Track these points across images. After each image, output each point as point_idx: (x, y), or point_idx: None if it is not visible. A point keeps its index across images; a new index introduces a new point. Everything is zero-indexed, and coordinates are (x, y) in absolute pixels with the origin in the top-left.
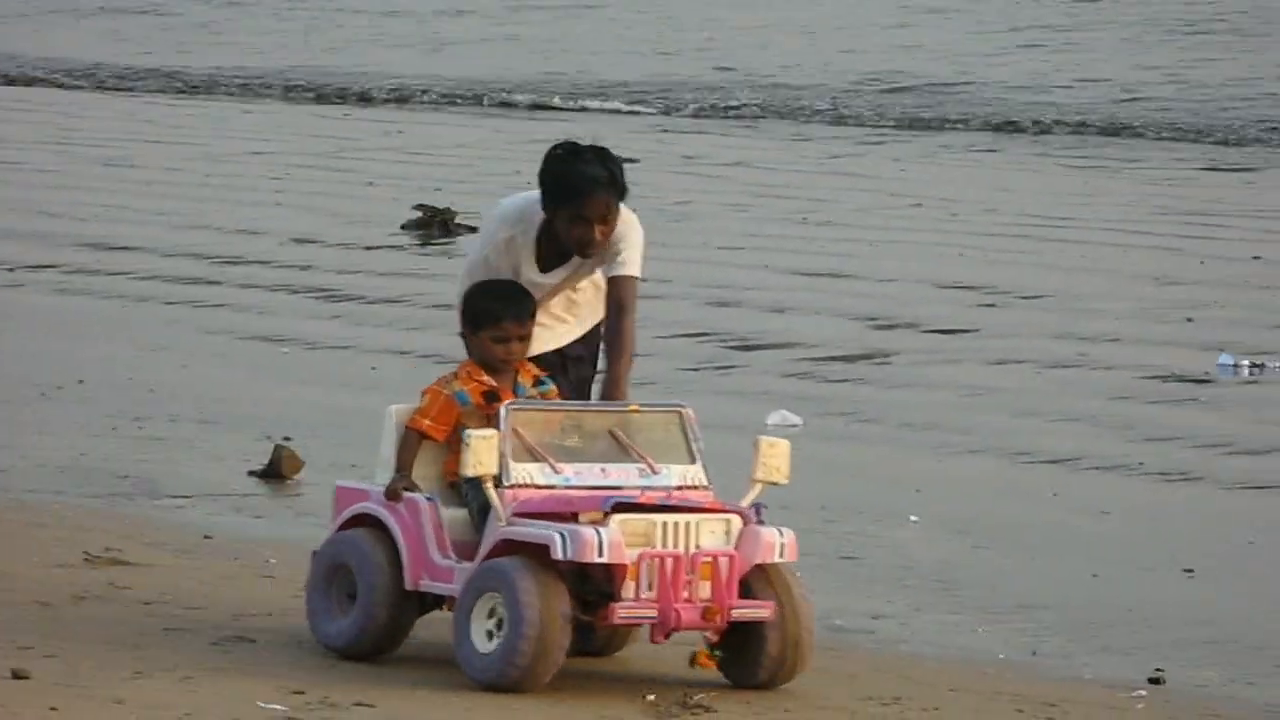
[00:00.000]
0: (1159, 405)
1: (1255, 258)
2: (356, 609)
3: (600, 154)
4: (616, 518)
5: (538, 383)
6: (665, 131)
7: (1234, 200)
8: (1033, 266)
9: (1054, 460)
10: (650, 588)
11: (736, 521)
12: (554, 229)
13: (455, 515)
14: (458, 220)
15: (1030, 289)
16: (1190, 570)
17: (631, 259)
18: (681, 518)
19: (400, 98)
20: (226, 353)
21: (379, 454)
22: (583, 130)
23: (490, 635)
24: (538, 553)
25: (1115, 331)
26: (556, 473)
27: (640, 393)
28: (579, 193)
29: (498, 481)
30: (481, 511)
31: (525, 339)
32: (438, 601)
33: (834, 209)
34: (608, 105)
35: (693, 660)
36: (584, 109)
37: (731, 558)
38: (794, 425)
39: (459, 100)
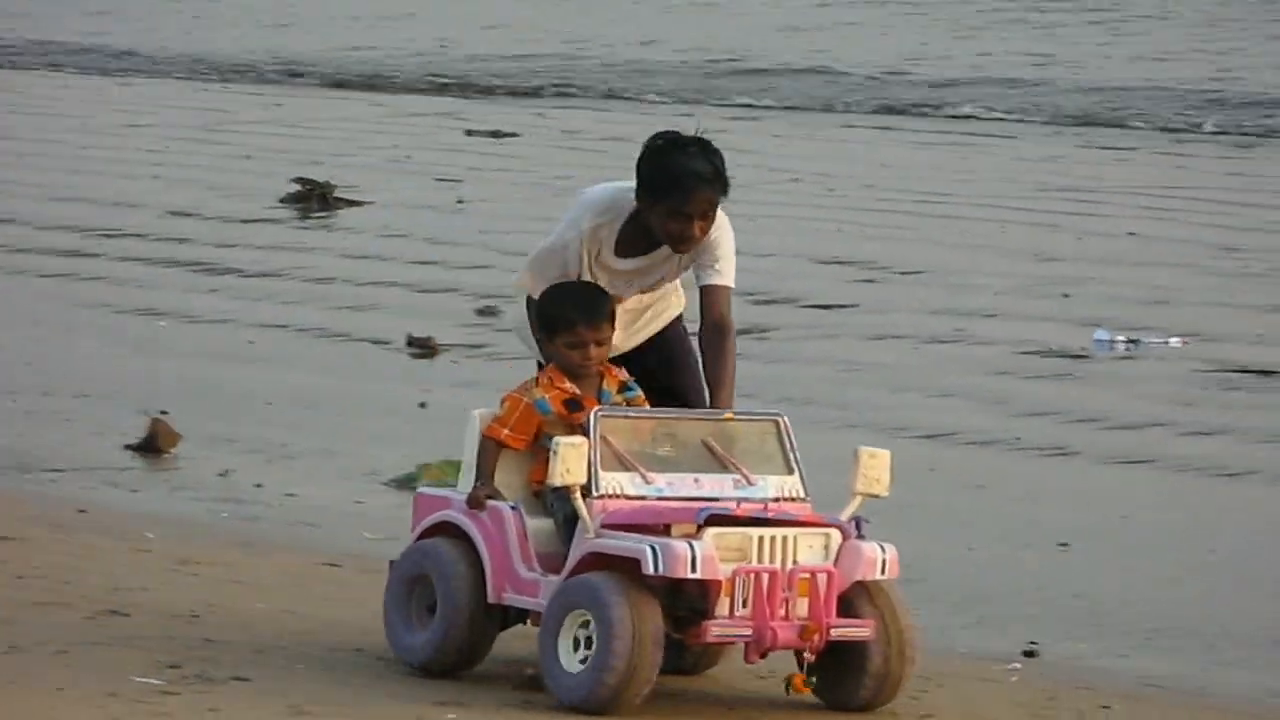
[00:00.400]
0: (1035, 380)
1: (1130, 234)
2: (437, 622)
3: (703, 146)
4: (710, 531)
5: (623, 388)
6: (542, 110)
7: (1110, 178)
8: (911, 242)
9: (931, 435)
10: (745, 605)
11: (836, 536)
12: (646, 221)
13: (540, 526)
14: (336, 194)
15: (908, 264)
16: (1065, 544)
17: (728, 268)
18: (778, 531)
19: (291, 73)
20: (103, 326)
21: (463, 460)
22: (467, 109)
23: (577, 653)
24: (628, 567)
25: (993, 307)
26: (648, 483)
27: None
28: (682, 188)
29: (586, 491)
30: (568, 522)
31: (604, 343)
32: (521, 616)
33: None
34: (496, 84)
35: (787, 684)
36: (467, 85)
37: (830, 574)
38: None
39: (337, 77)
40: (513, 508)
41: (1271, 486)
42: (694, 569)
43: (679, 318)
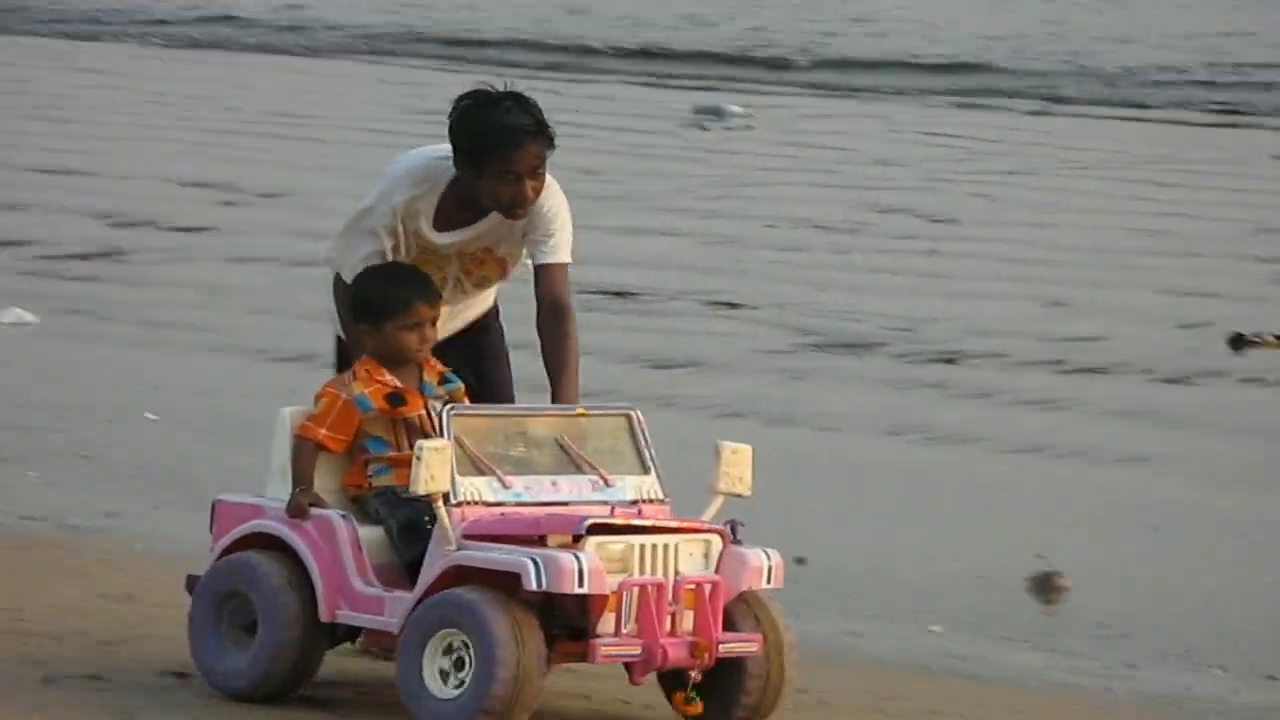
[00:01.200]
0: None
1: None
2: (259, 646)
3: (518, 99)
4: (592, 541)
5: (443, 380)
6: None
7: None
8: (271, 165)
9: (289, 358)
10: (631, 621)
11: (717, 542)
12: (470, 190)
13: (371, 536)
14: None
15: (269, 188)
16: None
17: (563, 242)
18: (660, 539)
19: None
20: None
21: (270, 463)
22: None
23: (447, 677)
24: (498, 582)
25: None
26: (505, 487)
27: None
28: (506, 146)
29: (445, 499)
30: (404, 531)
31: (435, 323)
32: (351, 634)
33: (73, 104)
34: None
35: (673, 704)
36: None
37: (716, 584)
38: (28, 323)
39: None
40: (343, 516)
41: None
42: (581, 583)
43: (494, 306)
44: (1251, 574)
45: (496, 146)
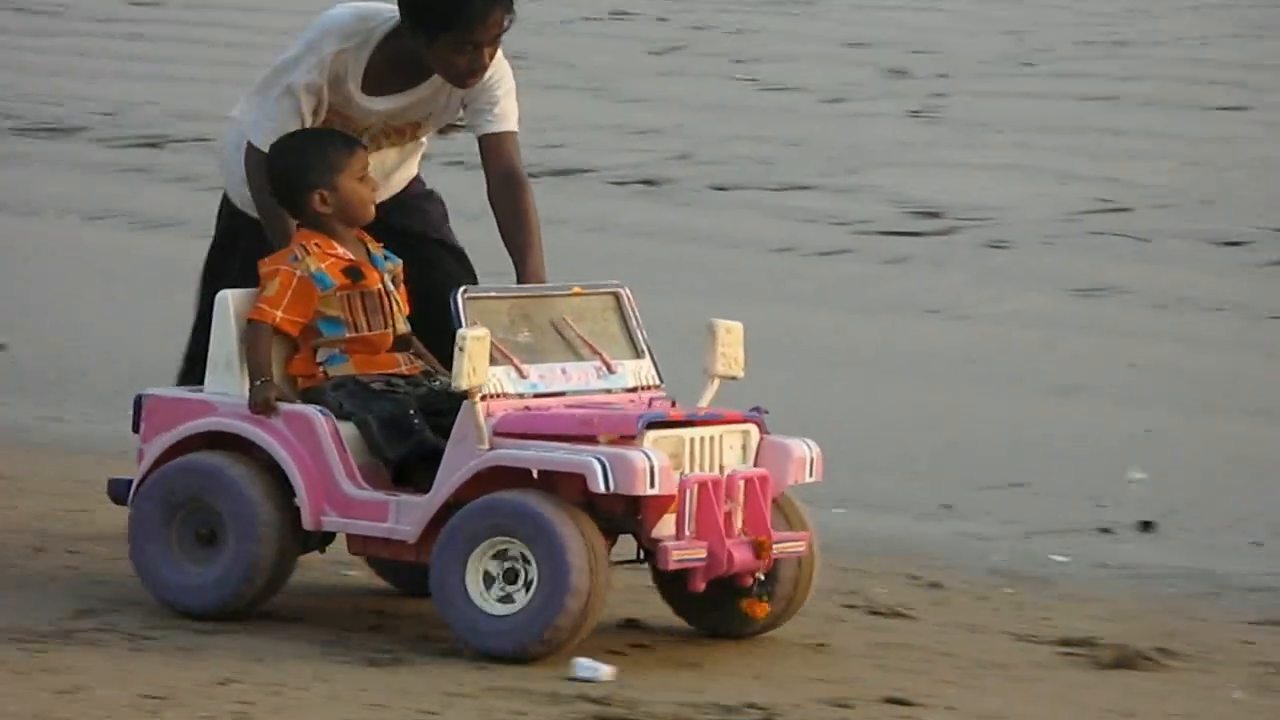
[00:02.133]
0: None
1: None
2: (231, 557)
3: None
4: (650, 435)
5: (385, 254)
6: None
7: None
8: None
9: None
10: (691, 522)
11: (754, 433)
12: (409, 53)
13: (347, 432)
14: None
15: None
16: None
17: (510, 109)
18: (707, 432)
19: None
20: None
21: (211, 354)
22: None
23: (494, 590)
24: (549, 483)
25: None
26: (523, 377)
27: None
28: (471, 12)
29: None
30: (386, 427)
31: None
32: (325, 540)
33: None
34: None
35: (743, 607)
36: None
37: (765, 479)
38: None
39: None
40: (321, 411)
41: None
42: (652, 485)
43: (418, 175)
44: None
45: (459, 12)
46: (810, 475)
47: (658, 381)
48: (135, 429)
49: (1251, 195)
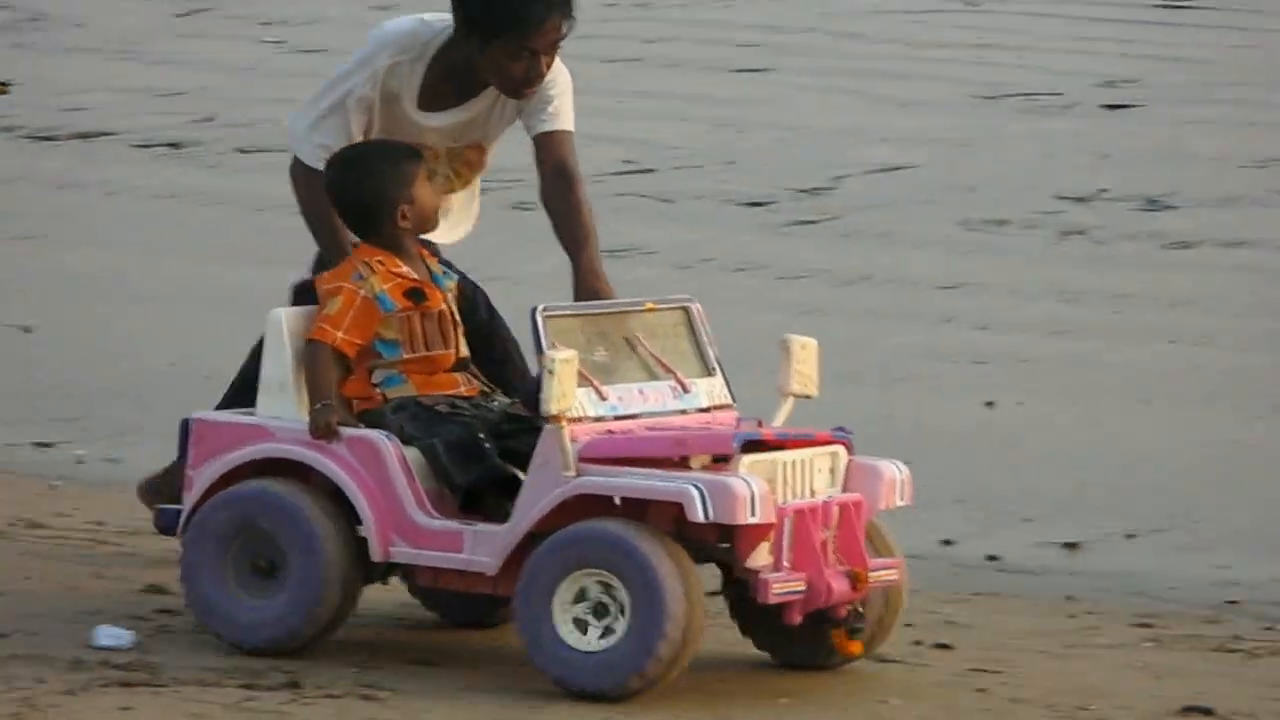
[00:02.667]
0: None
1: None
2: (293, 590)
3: None
4: (746, 460)
5: (444, 273)
6: None
7: None
8: None
9: None
10: (788, 551)
11: (843, 454)
12: (465, 63)
13: (411, 457)
14: None
15: None
16: None
17: (566, 109)
18: (799, 455)
19: None
20: None
21: (264, 376)
22: None
23: (585, 625)
24: (636, 511)
25: None
26: (603, 399)
27: None
28: (529, 19)
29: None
30: (453, 452)
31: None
32: (388, 571)
33: None
34: None
35: (834, 643)
36: None
37: (859, 504)
38: None
39: None
40: (386, 436)
41: None
42: (754, 512)
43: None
44: None
45: (517, 18)
46: (901, 499)
47: (730, 400)
48: (181, 455)
49: (773, 157)
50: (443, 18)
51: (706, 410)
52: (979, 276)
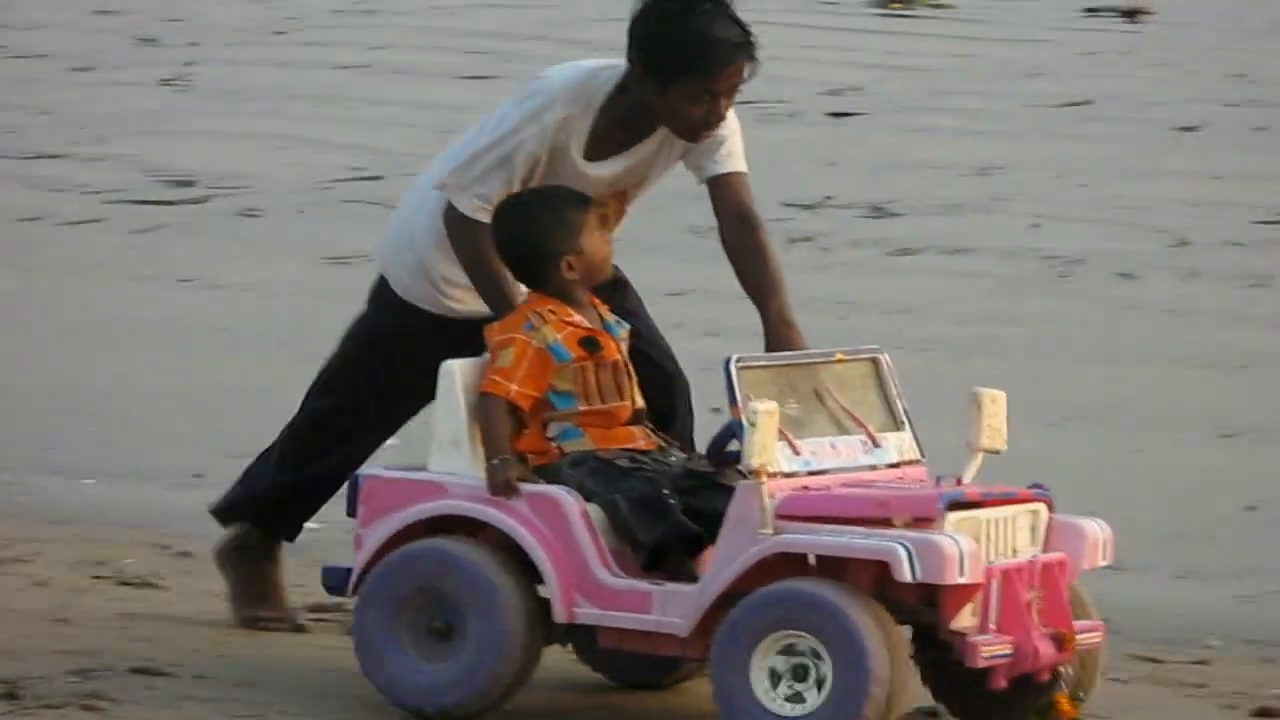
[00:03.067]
0: None
1: None
2: (473, 653)
3: (721, 5)
4: (952, 518)
5: (618, 318)
6: None
7: None
8: None
9: None
10: (995, 613)
11: (1044, 512)
12: (636, 107)
13: (593, 514)
14: None
15: None
16: None
17: (737, 147)
18: (1002, 513)
19: None
20: None
21: (437, 431)
22: None
23: (787, 687)
24: (834, 571)
25: None
26: (796, 453)
27: None
28: (713, 60)
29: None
30: (638, 508)
31: None
32: (570, 633)
33: None
34: None
35: (1057, 708)
36: None
37: (1063, 564)
38: None
39: None
40: (569, 492)
41: None
42: (962, 573)
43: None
44: None
45: (700, 62)
46: (1104, 559)
47: (919, 455)
48: (351, 513)
49: None
50: (609, 64)
51: (896, 465)
52: (708, 283)
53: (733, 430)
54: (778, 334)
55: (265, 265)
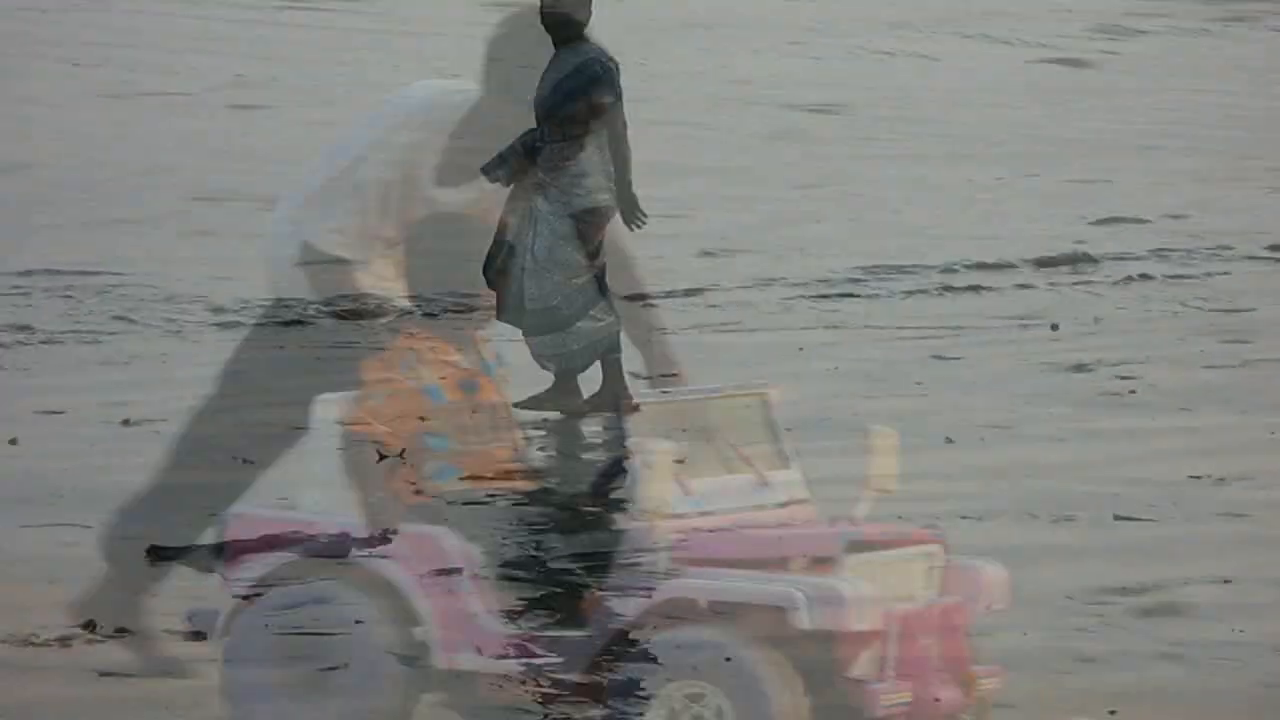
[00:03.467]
0: None
1: None
2: (345, 698)
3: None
4: (851, 561)
5: (498, 361)
6: None
7: None
8: None
9: None
10: (893, 658)
11: (939, 554)
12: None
13: (475, 556)
14: None
15: None
16: None
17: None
18: (894, 555)
19: None
20: None
21: (308, 467)
22: None
23: None
24: (730, 615)
25: None
26: (687, 494)
27: None
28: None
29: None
30: (513, 550)
31: None
32: (447, 680)
33: None
34: None
35: None
36: None
37: (960, 608)
38: None
39: None
40: (446, 533)
41: None
42: (861, 618)
43: None
44: None
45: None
46: (1001, 602)
47: (805, 495)
48: (217, 553)
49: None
50: (463, 86)
51: (784, 505)
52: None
53: (620, 469)
54: (661, 370)
55: None
